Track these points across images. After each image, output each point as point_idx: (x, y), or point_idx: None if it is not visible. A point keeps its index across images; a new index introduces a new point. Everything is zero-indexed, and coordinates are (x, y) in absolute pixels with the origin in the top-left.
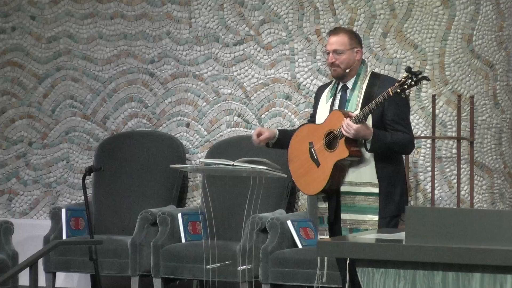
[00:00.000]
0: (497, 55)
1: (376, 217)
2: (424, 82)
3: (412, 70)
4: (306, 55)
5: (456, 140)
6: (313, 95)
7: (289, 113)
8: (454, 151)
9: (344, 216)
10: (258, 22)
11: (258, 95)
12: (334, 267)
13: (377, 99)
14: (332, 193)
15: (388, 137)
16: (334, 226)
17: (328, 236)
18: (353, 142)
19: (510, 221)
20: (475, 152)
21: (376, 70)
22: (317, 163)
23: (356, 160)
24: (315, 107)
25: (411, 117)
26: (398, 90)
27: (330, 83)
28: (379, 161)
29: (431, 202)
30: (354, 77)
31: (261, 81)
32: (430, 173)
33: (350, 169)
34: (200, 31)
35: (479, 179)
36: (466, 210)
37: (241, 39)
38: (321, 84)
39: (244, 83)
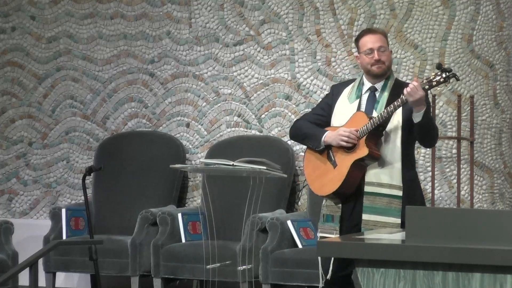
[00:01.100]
0: (497, 55)
1: (398, 220)
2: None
3: (443, 67)
4: (306, 55)
5: (456, 140)
6: (313, 95)
7: (289, 113)
8: (454, 151)
9: (365, 217)
10: (258, 22)
11: (258, 95)
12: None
13: (395, 102)
14: (345, 198)
15: (432, 118)
16: (347, 225)
17: (338, 235)
18: (373, 142)
19: (510, 221)
20: (475, 152)
21: None
22: (334, 164)
23: (374, 162)
24: (329, 103)
25: None
26: (427, 87)
27: (347, 83)
28: (405, 163)
29: (431, 202)
30: (384, 80)
31: (261, 81)
32: (430, 173)
33: (376, 170)
34: (200, 31)
35: (479, 179)
36: (466, 210)
37: (241, 39)
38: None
39: (244, 83)
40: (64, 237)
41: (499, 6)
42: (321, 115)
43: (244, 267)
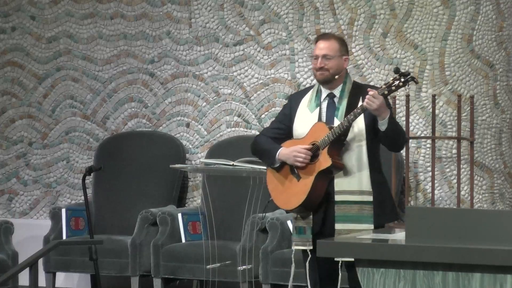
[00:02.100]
0: (497, 55)
1: (372, 226)
2: (412, 83)
3: (401, 71)
4: (306, 55)
5: (456, 140)
6: None
7: None
8: (454, 151)
9: (338, 226)
10: (258, 22)
11: (258, 95)
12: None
13: (355, 110)
14: (313, 209)
15: (397, 123)
16: (319, 237)
17: (311, 247)
18: (335, 153)
19: (510, 221)
20: (475, 152)
21: (376, 70)
22: (298, 177)
23: (339, 172)
24: (288, 114)
25: (411, 117)
26: (386, 92)
27: (305, 91)
28: (372, 168)
29: (431, 202)
30: (341, 85)
31: (261, 81)
32: (430, 173)
33: (344, 178)
34: (200, 31)
35: (479, 179)
36: (466, 210)
37: (241, 39)
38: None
39: (244, 83)
40: (64, 237)
41: (499, 6)
42: (279, 129)
43: (244, 267)
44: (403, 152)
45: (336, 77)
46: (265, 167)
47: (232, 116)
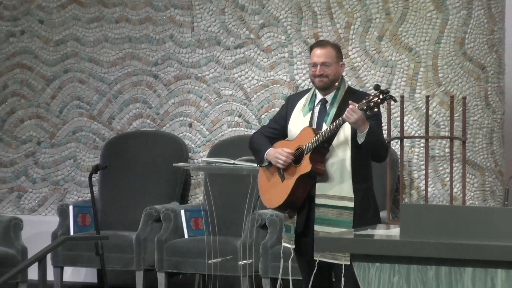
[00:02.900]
0: (489, 57)
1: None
2: (392, 101)
3: (381, 88)
4: (304, 57)
5: (449, 139)
6: None
7: None
8: (447, 150)
9: (317, 228)
10: (258, 26)
11: (258, 96)
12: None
13: (337, 121)
14: (295, 210)
15: (379, 135)
16: (302, 238)
17: (293, 246)
18: (318, 159)
19: (501, 218)
20: (467, 151)
21: (372, 72)
22: (282, 178)
23: (320, 177)
24: (283, 115)
25: (406, 118)
26: (364, 107)
27: (303, 93)
28: (356, 176)
29: (424, 200)
30: (334, 91)
31: (261, 82)
32: (423, 171)
33: (325, 183)
34: (202, 34)
35: (471, 177)
36: (459, 207)
37: (242, 42)
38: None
39: (245, 85)
40: (71, 233)
41: (491, 11)
42: (275, 128)
43: (244, 262)
44: (397, 151)
45: (336, 84)
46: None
47: (233, 117)
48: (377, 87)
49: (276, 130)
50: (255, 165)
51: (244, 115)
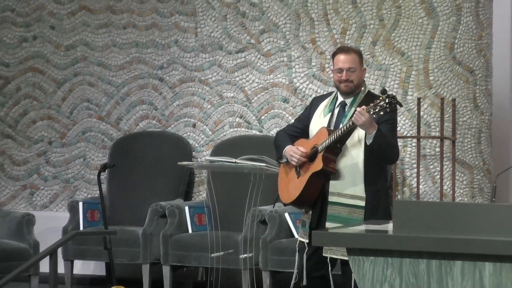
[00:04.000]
0: (477, 61)
1: None
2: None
3: (388, 93)
4: (302, 61)
5: (439, 139)
6: (309, 98)
7: (287, 115)
8: (438, 149)
9: (328, 224)
10: (258, 31)
11: (258, 98)
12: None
13: (347, 123)
14: (311, 206)
15: (388, 138)
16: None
17: (307, 240)
18: (330, 158)
19: (488, 214)
20: (456, 150)
21: (366, 75)
22: (298, 174)
23: (332, 175)
24: (307, 115)
25: (398, 119)
26: (371, 111)
27: (326, 96)
28: (368, 177)
29: (416, 196)
30: (355, 95)
31: (261, 85)
32: (415, 170)
33: (338, 181)
34: (205, 39)
35: (460, 175)
36: (449, 204)
37: (243, 47)
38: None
39: (246, 87)
40: (81, 228)
41: (479, 17)
42: (298, 127)
43: (245, 255)
44: None
45: (361, 88)
46: (264, 164)
47: (234, 118)
48: (384, 92)
49: (299, 129)
50: (256, 164)
51: (245, 116)
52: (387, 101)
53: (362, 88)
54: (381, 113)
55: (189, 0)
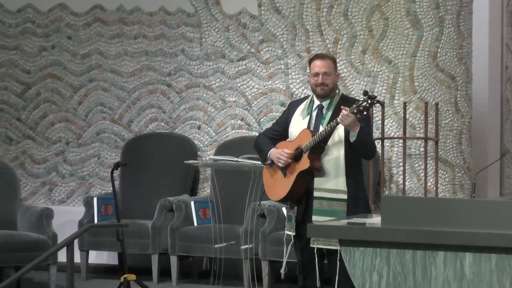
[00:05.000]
0: (458, 69)
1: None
2: (378, 105)
3: (369, 94)
4: (298, 69)
5: (423, 140)
6: None
7: None
8: (422, 149)
9: (315, 218)
10: (258, 41)
11: (258, 102)
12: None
13: (331, 123)
14: (296, 201)
15: (368, 136)
16: (301, 225)
17: (294, 233)
18: (315, 157)
19: (468, 208)
20: (439, 150)
21: (357, 81)
22: (284, 174)
23: (318, 172)
24: (285, 119)
25: (386, 121)
26: (355, 111)
27: (302, 100)
28: (349, 171)
29: (402, 192)
30: (330, 98)
31: (260, 90)
32: (401, 168)
33: (322, 178)
34: (209, 49)
35: (442, 173)
36: (432, 199)
37: (244, 55)
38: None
39: (246, 92)
40: (95, 221)
41: (460, 28)
42: (277, 130)
43: (246, 246)
44: (379, 150)
45: (337, 91)
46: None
47: (236, 120)
48: (365, 93)
49: (278, 132)
50: (256, 162)
51: (245, 118)
52: (369, 101)
53: (337, 91)
54: (365, 112)
55: (195, 12)
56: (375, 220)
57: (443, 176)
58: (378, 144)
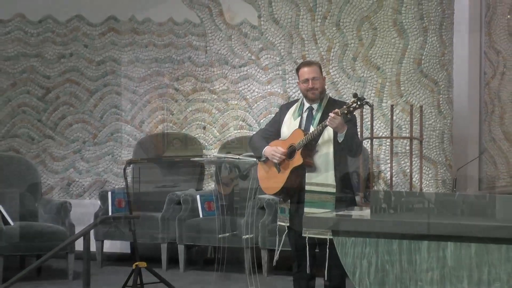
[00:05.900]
0: (440, 74)
1: (333, 211)
2: (367, 106)
3: (358, 96)
4: (294, 74)
5: (409, 139)
6: None
7: None
8: (408, 148)
9: (306, 209)
10: (258, 49)
11: (258, 105)
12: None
13: (322, 124)
14: (289, 195)
15: (354, 136)
16: (294, 218)
17: (288, 224)
18: (307, 154)
19: (450, 201)
20: (423, 148)
21: (348, 86)
22: (279, 170)
23: (309, 168)
24: (277, 120)
25: (375, 122)
26: (345, 111)
27: (293, 103)
28: (337, 167)
29: (390, 187)
30: (319, 101)
31: (260, 94)
32: (389, 165)
33: (314, 173)
34: (213, 56)
35: (426, 170)
36: (417, 193)
37: (245, 62)
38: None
39: (247, 96)
40: (110, 213)
41: (442, 37)
42: (270, 131)
43: (247, 236)
44: (368, 148)
45: (325, 94)
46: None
47: (238, 121)
48: (355, 95)
49: (271, 132)
50: (256, 160)
51: (247, 120)
52: (359, 103)
53: (324, 95)
54: (354, 113)
55: (200, 23)
56: (365, 212)
57: (427, 172)
58: (367, 143)
